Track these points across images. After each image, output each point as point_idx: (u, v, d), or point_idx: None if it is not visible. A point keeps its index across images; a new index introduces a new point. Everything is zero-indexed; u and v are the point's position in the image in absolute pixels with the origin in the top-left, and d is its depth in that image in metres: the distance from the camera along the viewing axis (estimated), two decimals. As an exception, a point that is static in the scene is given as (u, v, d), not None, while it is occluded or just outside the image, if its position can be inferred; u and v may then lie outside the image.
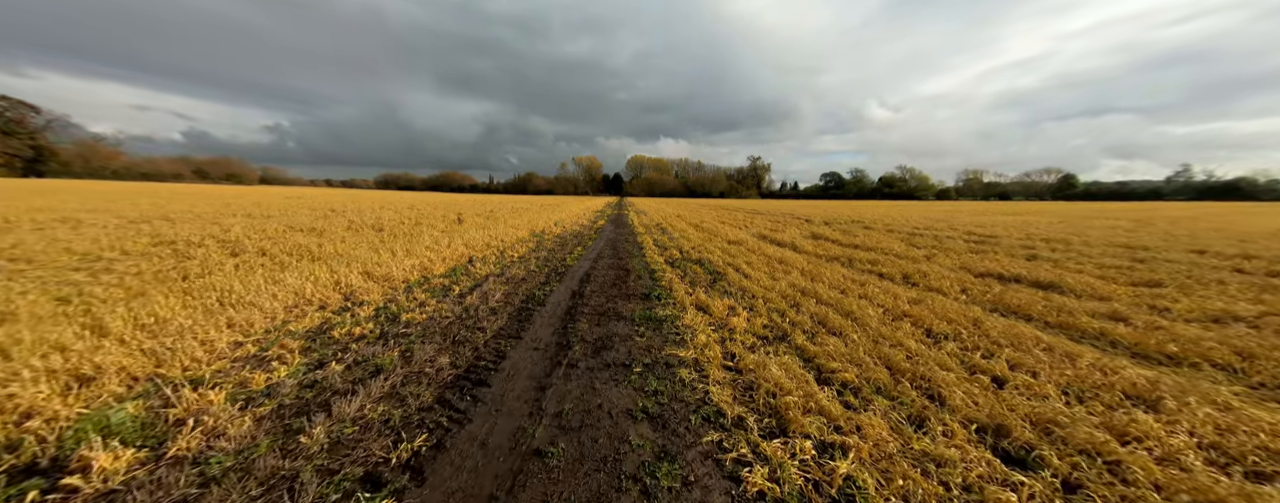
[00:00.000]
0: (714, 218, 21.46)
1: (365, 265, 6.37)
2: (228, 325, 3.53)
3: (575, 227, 15.66)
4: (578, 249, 9.86)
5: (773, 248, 9.99)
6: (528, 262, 7.87)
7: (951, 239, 11.97)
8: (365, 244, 8.86)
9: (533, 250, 9.40)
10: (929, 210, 34.12)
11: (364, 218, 15.16)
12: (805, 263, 7.74)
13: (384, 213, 18.24)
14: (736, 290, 5.81)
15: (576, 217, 20.70)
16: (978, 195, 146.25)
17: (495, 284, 5.94)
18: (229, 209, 17.41)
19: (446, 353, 3.39)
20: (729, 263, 7.95)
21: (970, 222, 18.91)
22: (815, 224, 18.17)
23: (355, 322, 3.97)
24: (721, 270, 7.22)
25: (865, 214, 25.71)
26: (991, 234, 12.94)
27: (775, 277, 6.55)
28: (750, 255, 8.81)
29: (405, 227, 13.13)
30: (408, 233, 11.49)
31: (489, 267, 7.15)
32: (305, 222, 13.00)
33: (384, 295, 5.00)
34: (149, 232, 9.31)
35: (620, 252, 9.53)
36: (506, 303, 5.05)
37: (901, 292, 5.36)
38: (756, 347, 3.65)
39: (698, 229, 15.38)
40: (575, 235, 12.80)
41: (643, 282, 6.37)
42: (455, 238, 10.39)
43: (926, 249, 9.89)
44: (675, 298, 5.31)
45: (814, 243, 11.05)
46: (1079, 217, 23.92)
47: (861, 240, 11.65)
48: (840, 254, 8.99)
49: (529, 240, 10.99)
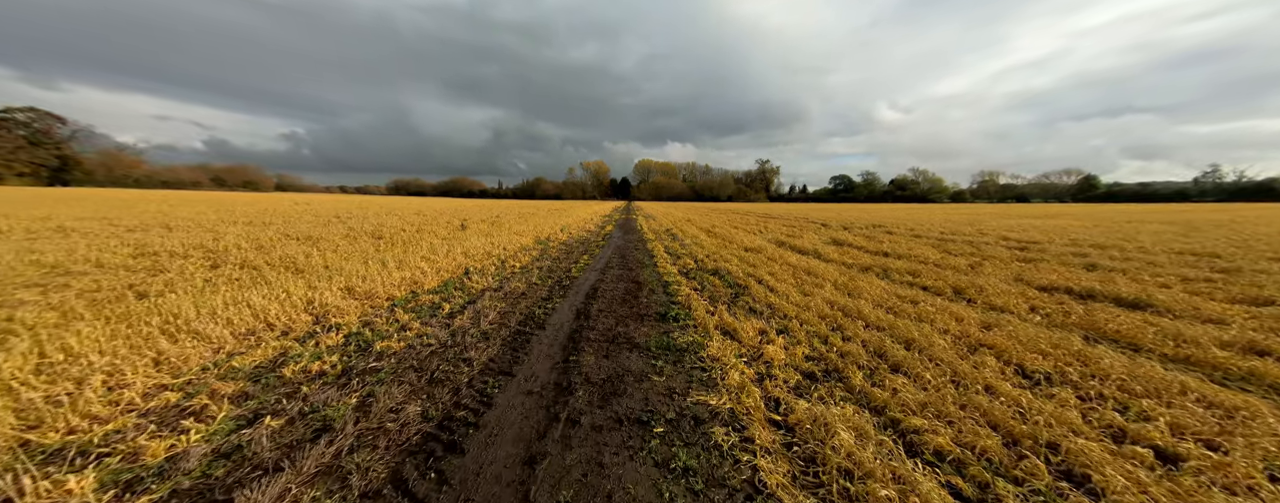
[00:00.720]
0: (725, 223, 20.68)
1: (350, 279, 5.76)
2: (156, 363, 2.91)
3: (582, 233, 15.03)
4: (584, 258, 9.19)
5: (795, 256, 9.21)
6: (530, 273, 7.22)
7: (988, 245, 11.05)
8: (358, 254, 8.30)
9: (536, 260, 8.75)
10: (949, 213, 32.88)
11: (365, 225, 14.72)
12: (836, 274, 6.95)
13: (388, 220, 17.83)
14: (764, 308, 5.07)
15: (583, 222, 20.10)
16: (994, 197, 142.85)
17: (491, 301, 5.28)
18: (233, 216, 17.15)
19: (418, 399, 2.72)
20: (750, 274, 7.20)
21: (999, 225, 17.84)
22: (833, 229, 17.30)
23: (317, 353, 3.32)
24: (743, 283, 6.47)
25: (883, 218, 24.69)
26: (1031, 239, 11.96)
27: (806, 291, 5.78)
28: (772, 265, 8.05)
29: (406, 234, 12.61)
30: (407, 241, 10.94)
31: (486, 280, 6.50)
32: (304, 229, 12.56)
33: (362, 317, 4.37)
34: (136, 242, 8.87)
35: (630, 261, 8.83)
36: (501, 325, 4.38)
37: (963, 312, 4.56)
38: (805, 389, 2.91)
39: (710, 235, 14.63)
40: (582, 243, 12.15)
41: (656, 298, 5.66)
42: (456, 246, 9.80)
43: (965, 256, 9.02)
44: (695, 318, 4.59)
45: (838, 250, 10.23)
46: (1113, 219, 22.62)
47: (889, 247, 10.79)
48: (872, 263, 8.17)
49: (533, 248, 10.35)
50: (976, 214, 31.67)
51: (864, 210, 39.86)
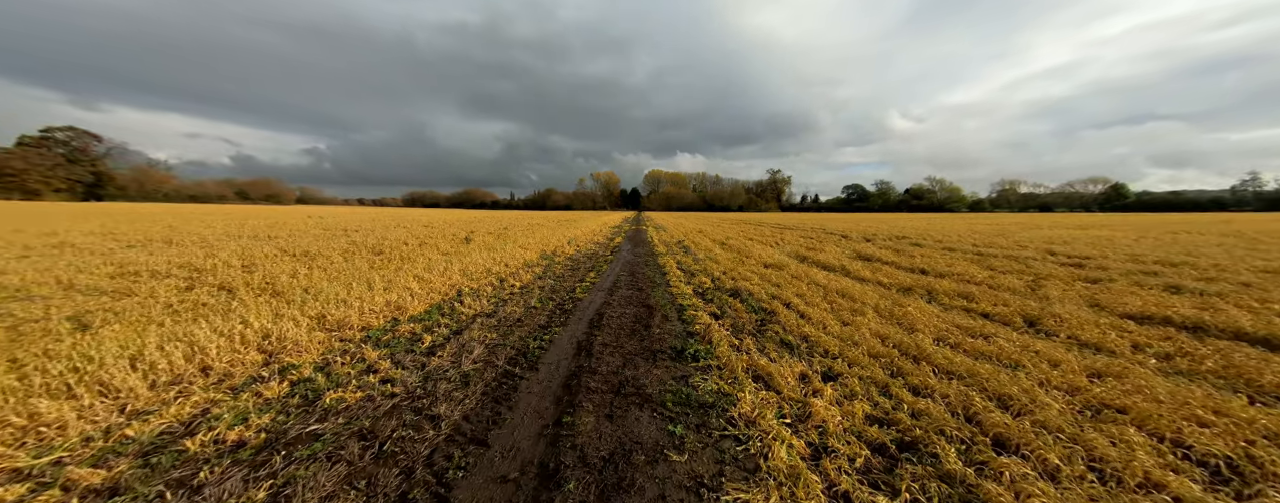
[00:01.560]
0: (739, 234, 19.86)
1: (327, 304, 5.14)
2: (21, 433, 2.25)
3: (590, 246, 14.39)
4: (591, 275, 8.50)
5: (821, 273, 8.36)
6: (529, 294, 6.53)
7: (1035, 260, 10.02)
8: (349, 273, 7.74)
9: (538, 277, 8.09)
10: (973, 224, 31.44)
11: (369, 240, 14.32)
12: (876, 296, 6.09)
13: (394, 233, 17.48)
14: (797, 339, 4.27)
15: (592, 234, 19.49)
16: (1015, 207, 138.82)
17: (480, 330, 4.58)
18: (241, 231, 17.01)
19: (351, 492, 2.00)
20: (775, 295, 6.39)
21: (1035, 237, 16.64)
22: (855, 241, 16.33)
23: (244, 412, 2.64)
24: (768, 307, 5.67)
25: (905, 229, 23.53)
26: (1081, 253, 10.88)
27: (846, 319, 4.96)
28: (797, 284, 7.22)
29: (407, 249, 12.12)
30: (406, 257, 10.42)
31: (481, 302, 5.83)
32: (305, 244, 12.17)
33: (324, 353, 3.71)
34: (124, 260, 8.49)
35: (639, 278, 8.10)
36: (487, 363, 3.66)
37: (1053, 351, 3.69)
38: (880, 473, 2.11)
39: (725, 248, 13.83)
40: (589, 256, 11.48)
41: (670, 326, 4.89)
42: (455, 263, 9.21)
43: (1016, 274, 8.05)
44: (718, 355, 3.81)
45: (868, 267, 9.34)
46: (1158, 230, 21.12)
47: (923, 262, 9.86)
48: (912, 283, 7.28)
49: (537, 263, 9.71)
50: (1003, 224, 30.16)
51: (882, 221, 38.52)
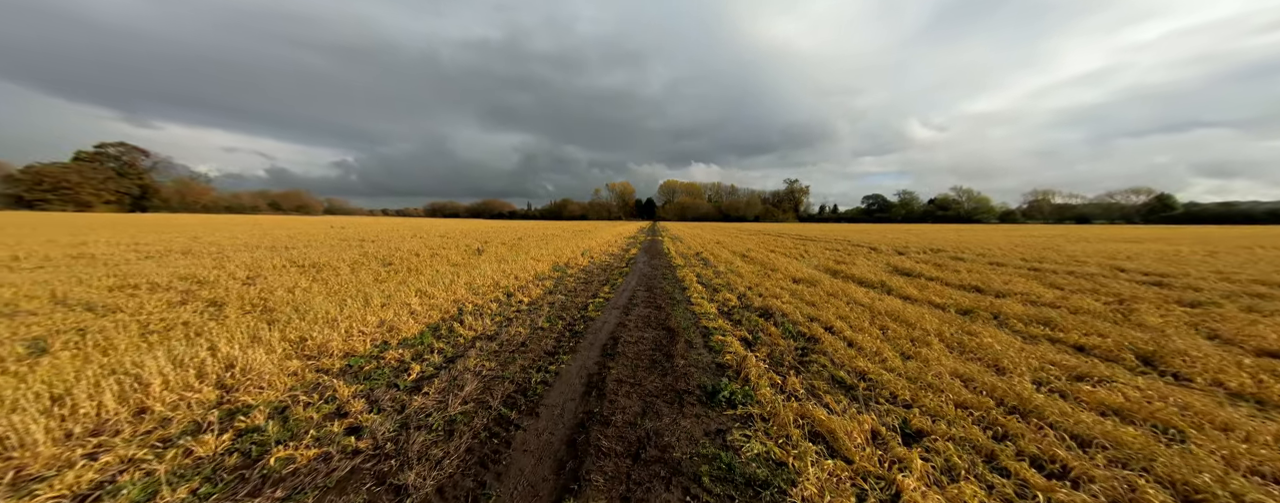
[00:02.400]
0: (760, 246, 18.98)
1: (314, 324, 4.65)
2: None
3: (604, 257, 13.81)
4: (604, 290, 7.87)
5: (859, 290, 7.51)
6: (537, 311, 5.93)
7: (1104, 277, 8.90)
8: (353, 286, 7.32)
9: (549, 292, 7.50)
10: (1010, 235, 29.62)
11: (381, 250, 14.10)
12: (935, 321, 5.24)
13: (408, 243, 17.32)
14: (853, 378, 3.50)
15: (607, 244, 18.95)
16: (1049, 218, 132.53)
17: (478, 358, 3.98)
18: (261, 241, 17.15)
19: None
20: (812, 316, 5.61)
21: (1091, 250, 15.24)
22: (886, 254, 15.27)
23: (153, 485, 2.07)
24: (807, 331, 4.90)
25: (937, 240, 22.15)
26: (1159, 271, 9.66)
27: (907, 351, 4.15)
28: (835, 303, 6.41)
29: (419, 260, 11.78)
30: (414, 268, 10.03)
31: (483, 322, 5.25)
32: (316, 255, 11.98)
33: (291, 390, 3.16)
34: (127, 272, 8.32)
35: (657, 295, 7.41)
36: (478, 406, 3.04)
37: (1215, 410, 2.83)
38: None
39: (746, 260, 13.03)
40: (603, 269, 10.88)
41: (696, 356, 4.19)
42: (463, 275, 8.73)
43: (1089, 294, 7.03)
44: (759, 399, 3.09)
45: (912, 284, 8.41)
46: (1228, 243, 19.26)
47: (971, 278, 8.86)
48: (970, 304, 6.37)
49: (548, 277, 9.15)
50: (1045, 236, 28.28)
51: (909, 232, 36.83)
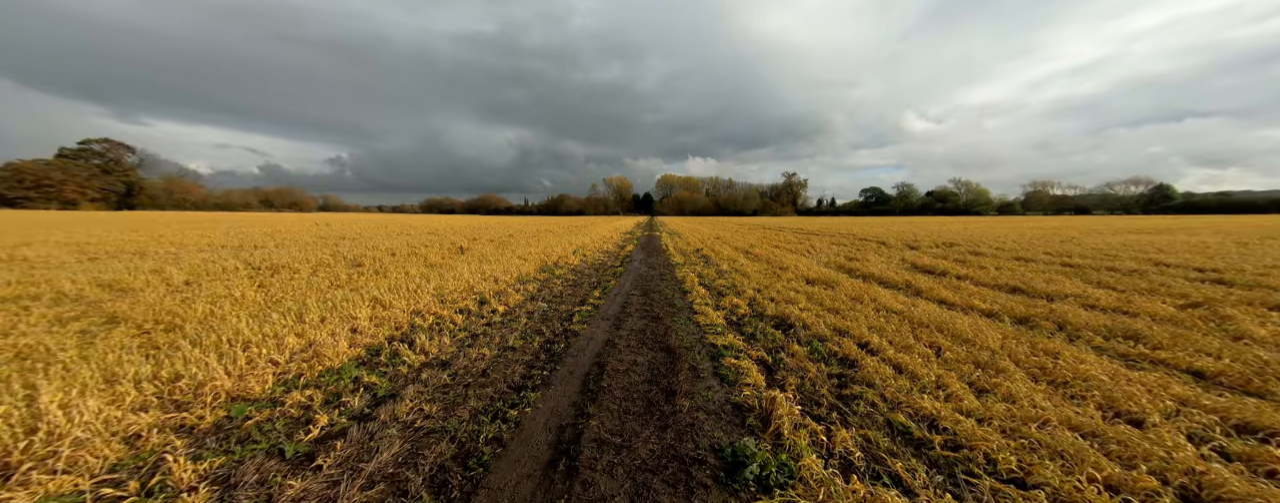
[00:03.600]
0: (762, 241, 18.02)
1: (217, 350, 3.66)
2: None
3: (598, 255, 12.82)
4: (595, 294, 6.89)
5: (884, 293, 6.55)
6: (512, 325, 4.95)
7: (1150, 273, 7.98)
8: (297, 295, 6.32)
9: (531, 298, 6.52)
10: (1019, 227, 28.79)
11: (357, 250, 13.05)
12: (992, 333, 4.28)
13: (388, 241, 16.27)
14: (922, 429, 2.56)
15: (602, 241, 17.94)
16: (1048, 210, 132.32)
17: (414, 401, 3.00)
18: (234, 239, 16.05)
19: None
20: (839, 328, 4.66)
21: (1115, 242, 14.36)
22: (897, 248, 14.34)
23: None
24: (839, 350, 3.95)
25: (946, 233, 21.23)
26: (1205, 266, 8.75)
27: (972, 376, 3.21)
28: (862, 309, 5.45)
29: (394, 260, 10.77)
30: (383, 270, 9.02)
31: (441, 341, 4.26)
32: (282, 256, 10.93)
33: (115, 464, 2.18)
34: (35, 279, 7.27)
35: (655, 302, 6.44)
36: (388, 494, 2.07)
37: None
38: None
39: (750, 258, 12.07)
40: (596, 269, 9.89)
41: (704, 389, 3.22)
42: (436, 278, 7.73)
43: (1149, 295, 6.10)
44: (802, 473, 2.14)
45: (942, 284, 7.48)
46: (1253, 233, 18.43)
47: (1003, 276, 7.93)
48: (1020, 309, 5.43)
49: (533, 279, 8.16)
50: (1051, 228, 27.45)
51: (913, 224, 35.95)
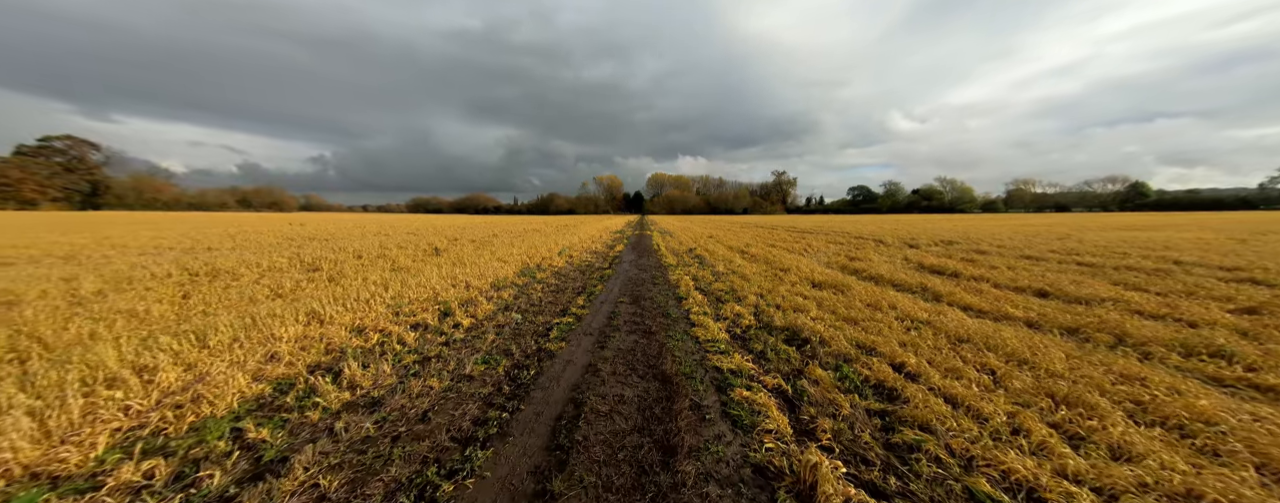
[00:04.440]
0: (756, 239, 17.35)
1: (61, 391, 2.74)
2: None
3: (586, 256, 11.96)
4: (579, 301, 6.05)
5: (903, 298, 5.85)
6: (475, 343, 4.09)
7: (1178, 273, 7.45)
8: (219, 309, 5.35)
9: (504, 307, 5.66)
10: (1008, 224, 28.72)
11: (319, 252, 11.98)
12: (1053, 351, 3.56)
13: (361, 243, 15.17)
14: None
15: (591, 241, 17.07)
16: (1029, 207, 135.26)
17: (311, 467, 2.14)
18: (185, 241, 14.77)
19: None
20: (865, 344, 3.91)
21: (1114, 239, 14.01)
22: (896, 247, 13.79)
23: None
24: (872, 374, 3.20)
25: (940, 230, 20.86)
26: (1229, 265, 8.27)
27: (1052, 414, 2.47)
28: (885, 319, 4.72)
29: (360, 263, 9.78)
30: (341, 275, 8.04)
31: (377, 370, 3.39)
32: (232, 260, 9.84)
33: None
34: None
35: (646, 311, 5.62)
36: None
37: None
38: None
39: (747, 258, 11.36)
40: (582, 272, 9.05)
41: (712, 441, 2.42)
42: (399, 284, 6.81)
43: (1188, 297, 5.51)
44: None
45: (959, 286, 6.82)
46: (1244, 230, 18.39)
47: (1021, 277, 7.32)
48: (1063, 317, 4.75)
49: (511, 284, 7.28)
50: (1041, 225, 27.40)
51: (905, 222, 35.80)
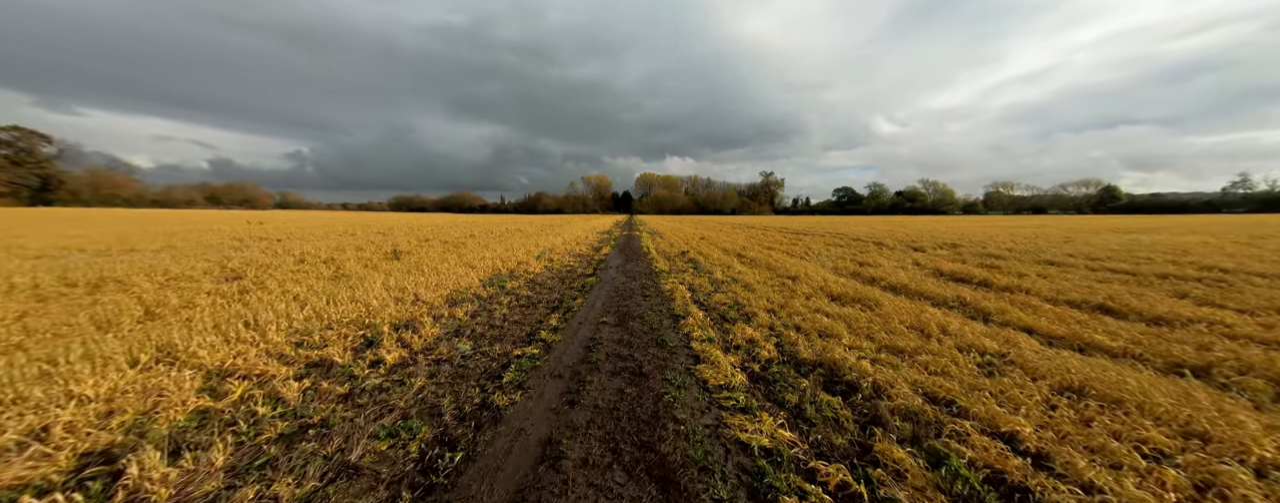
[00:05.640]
0: (752, 241, 16.29)
1: None
2: None
3: (569, 260, 10.66)
4: (552, 321, 4.77)
5: (953, 320, 4.74)
6: (393, 394, 2.80)
7: (1228, 285, 6.56)
8: (44, 340, 3.92)
9: (453, 333, 4.35)
10: (998, 226, 28.40)
11: (252, 256, 10.41)
12: (1238, 421, 2.47)
13: (314, 245, 13.56)
14: None
15: (575, 242, 15.75)
16: (1008, 209, 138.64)
17: None
18: (103, 241, 12.94)
19: None
20: (935, 393, 2.75)
21: (1121, 242, 13.35)
22: (898, 250, 12.86)
23: None
24: (970, 451, 2.01)
25: (937, 233, 20.14)
26: (1272, 272, 7.46)
27: None
28: (942, 351, 3.58)
29: (300, 268, 8.31)
30: (264, 286, 6.59)
31: (197, 462, 2.08)
32: (130, 267, 8.24)
33: None
34: None
35: (635, 337, 4.38)
36: None
37: None
38: None
39: (746, 262, 10.23)
40: (561, 279, 7.77)
41: None
42: (320, 301, 5.42)
43: (1262, 312, 4.55)
44: None
45: (1005, 301, 5.78)
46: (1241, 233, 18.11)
47: (1069, 287, 6.34)
48: (1170, 349, 3.70)
49: (473, 297, 5.95)
50: (1032, 227, 27.11)
51: (894, 223, 35.37)
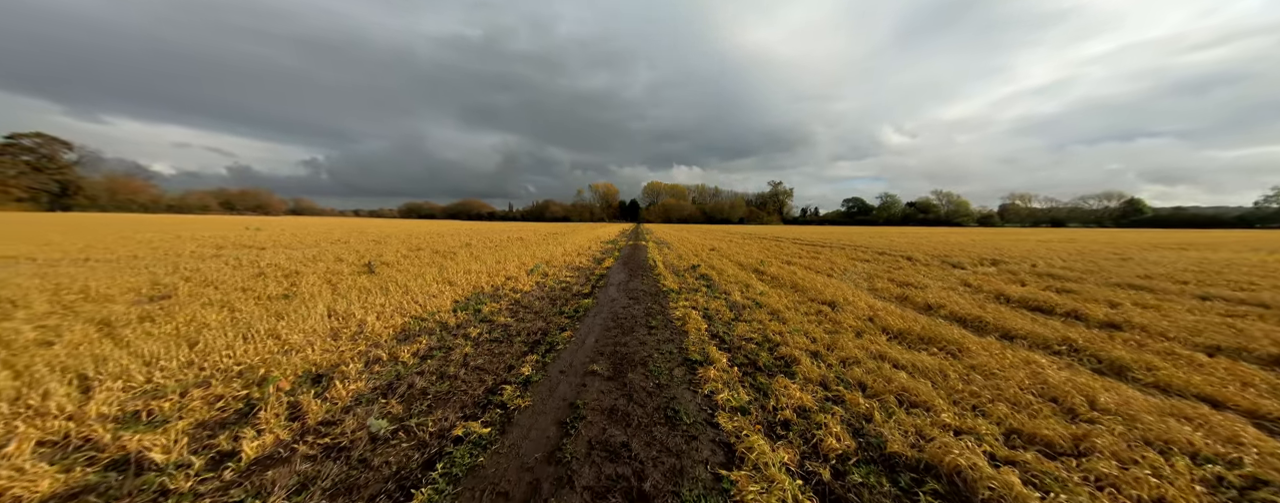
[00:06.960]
0: (767, 254, 14.85)
1: None
2: None
3: (566, 274, 9.34)
4: (523, 371, 3.41)
5: (1081, 377, 3.29)
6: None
7: None
8: None
9: (369, 397, 3.01)
10: (1027, 237, 26.53)
11: (208, 268, 9.27)
12: None
13: (286, 256, 12.46)
14: None
15: (577, 252, 14.46)
16: (1025, 221, 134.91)
17: None
18: (61, 249, 11.98)
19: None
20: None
21: (1188, 260, 11.67)
22: (932, 266, 11.36)
23: None
24: None
25: (966, 246, 18.44)
26: None
27: None
28: (1115, 446, 2.14)
29: (256, 283, 7.10)
30: (172, 315, 5.36)
31: None
32: (33, 282, 7.10)
33: None
34: None
35: (635, 399, 2.98)
36: None
37: None
38: None
39: (766, 280, 8.82)
40: (553, 300, 6.43)
41: None
42: (229, 336, 4.15)
43: None
44: None
45: (1115, 344, 4.30)
46: None
47: (1185, 322, 4.82)
48: None
49: (433, 328, 4.63)
50: (1061, 240, 25.21)
51: (910, 235, 33.57)
